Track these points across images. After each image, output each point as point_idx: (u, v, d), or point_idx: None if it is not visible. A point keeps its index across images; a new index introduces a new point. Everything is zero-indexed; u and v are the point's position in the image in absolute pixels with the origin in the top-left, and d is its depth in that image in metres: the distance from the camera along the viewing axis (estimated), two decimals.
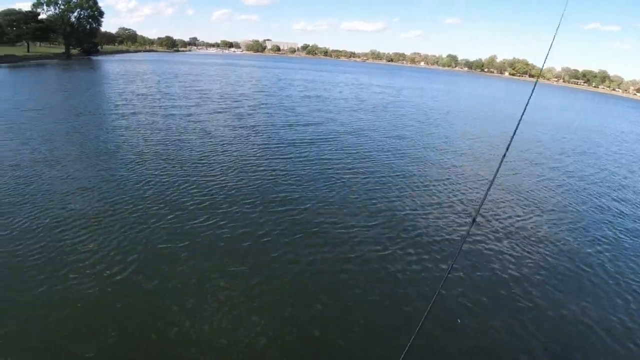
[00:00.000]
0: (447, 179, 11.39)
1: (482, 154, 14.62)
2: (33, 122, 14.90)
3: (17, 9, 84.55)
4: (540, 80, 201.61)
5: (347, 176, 9.66)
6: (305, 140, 13.54)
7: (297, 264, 6.58)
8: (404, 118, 19.10)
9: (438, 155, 13.08)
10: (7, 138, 12.46)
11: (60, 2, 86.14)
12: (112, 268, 6.19)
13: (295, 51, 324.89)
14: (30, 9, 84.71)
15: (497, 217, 9.42)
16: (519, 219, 9.45)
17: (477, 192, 10.56)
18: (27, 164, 10.15)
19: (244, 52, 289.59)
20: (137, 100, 21.64)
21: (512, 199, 10.84)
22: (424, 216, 8.45)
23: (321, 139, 13.94)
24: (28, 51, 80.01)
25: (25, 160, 10.49)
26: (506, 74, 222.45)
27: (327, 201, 8.55)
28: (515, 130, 2.65)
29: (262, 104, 21.96)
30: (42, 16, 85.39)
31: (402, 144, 14.18)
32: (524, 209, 10.07)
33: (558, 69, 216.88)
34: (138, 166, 10.19)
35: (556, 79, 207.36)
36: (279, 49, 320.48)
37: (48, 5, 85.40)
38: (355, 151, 11.66)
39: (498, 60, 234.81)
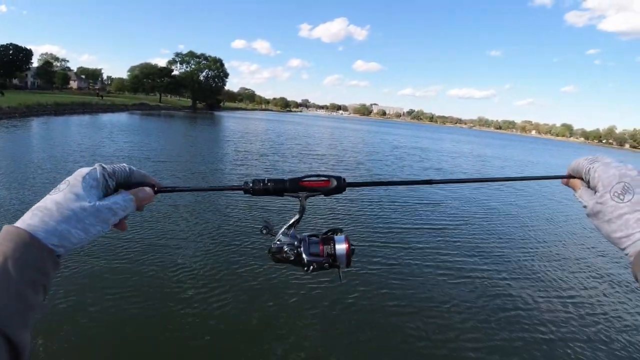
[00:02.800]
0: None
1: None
2: (158, 174, 15.50)
3: (153, 64, 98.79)
4: None
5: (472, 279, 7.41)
6: (431, 226, 10.98)
7: None
8: (532, 204, 16.12)
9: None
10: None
11: (191, 62, 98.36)
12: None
13: (400, 116, 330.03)
14: (165, 65, 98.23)
15: None
16: None
17: None
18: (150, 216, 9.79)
19: (350, 114, 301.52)
20: (257, 161, 22.17)
21: None
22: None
23: (450, 223, 11.46)
24: (160, 101, 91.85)
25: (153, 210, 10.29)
26: (627, 146, 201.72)
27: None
28: None
29: (378, 175, 21.15)
30: (175, 72, 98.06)
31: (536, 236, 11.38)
32: None
33: None
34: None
35: None
36: (384, 113, 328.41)
37: (181, 64, 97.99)
38: (494, 247, 9.37)
39: (617, 130, 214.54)
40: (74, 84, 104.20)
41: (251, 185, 0.71)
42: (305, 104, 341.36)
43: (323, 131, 55.91)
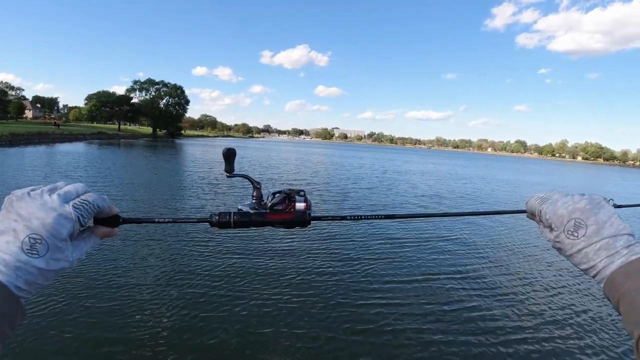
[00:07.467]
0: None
1: None
2: (120, 205, 13.40)
3: (111, 91, 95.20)
4: (614, 163, 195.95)
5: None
6: (430, 265, 9.32)
7: None
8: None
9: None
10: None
11: (151, 89, 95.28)
12: None
13: (361, 139, 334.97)
14: (124, 93, 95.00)
15: None
16: None
17: None
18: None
19: (312, 139, 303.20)
20: (226, 189, 20.31)
21: None
22: None
23: (459, 268, 9.55)
24: (119, 130, 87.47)
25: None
26: (579, 158, 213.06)
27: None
28: None
29: (370, 205, 19.46)
30: (134, 100, 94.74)
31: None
32: None
33: (633, 151, 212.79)
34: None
35: (632, 162, 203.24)
36: (346, 137, 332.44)
37: (140, 91, 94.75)
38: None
39: (569, 144, 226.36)
40: (29, 114, 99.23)
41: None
42: (267, 130, 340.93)
43: (292, 156, 54.20)
